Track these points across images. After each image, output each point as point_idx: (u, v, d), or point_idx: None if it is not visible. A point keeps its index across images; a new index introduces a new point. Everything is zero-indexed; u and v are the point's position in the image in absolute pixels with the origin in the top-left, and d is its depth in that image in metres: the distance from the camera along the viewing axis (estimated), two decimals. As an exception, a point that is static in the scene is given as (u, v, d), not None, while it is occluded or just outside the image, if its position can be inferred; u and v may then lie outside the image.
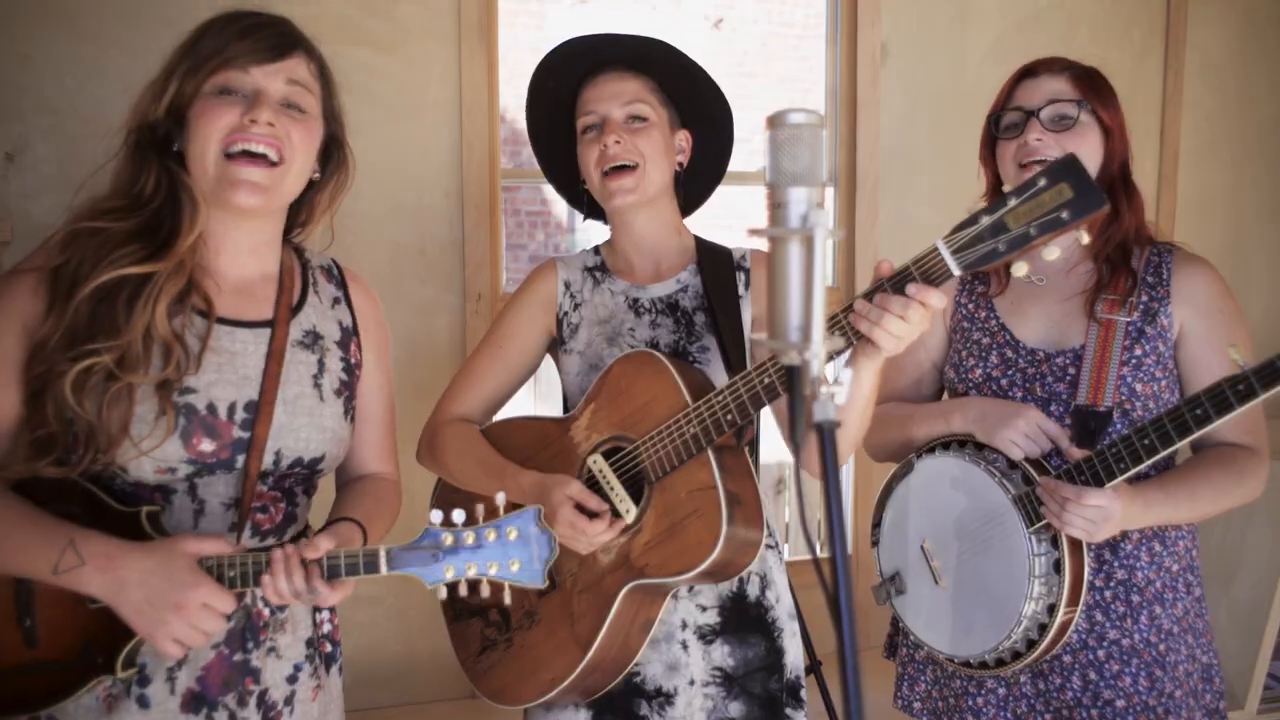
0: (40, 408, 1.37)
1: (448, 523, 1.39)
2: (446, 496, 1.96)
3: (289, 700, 1.53)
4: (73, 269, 1.39)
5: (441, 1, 2.87)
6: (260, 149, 1.42)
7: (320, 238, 1.67)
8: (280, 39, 1.47)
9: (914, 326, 1.37)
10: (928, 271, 1.34)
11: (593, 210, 1.94)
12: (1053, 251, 1.30)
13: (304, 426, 1.52)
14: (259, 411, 1.47)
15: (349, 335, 1.64)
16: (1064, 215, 1.24)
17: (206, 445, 1.43)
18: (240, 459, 1.46)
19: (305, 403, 1.52)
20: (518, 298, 1.94)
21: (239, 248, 1.52)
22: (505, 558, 1.37)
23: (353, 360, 1.63)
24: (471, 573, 1.37)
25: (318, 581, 1.38)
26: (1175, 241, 1.84)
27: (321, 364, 1.57)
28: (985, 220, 1.29)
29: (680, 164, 1.87)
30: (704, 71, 1.86)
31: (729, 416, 1.57)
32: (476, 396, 1.91)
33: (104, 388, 1.36)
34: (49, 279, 1.40)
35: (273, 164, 1.44)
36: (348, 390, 1.61)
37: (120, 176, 1.47)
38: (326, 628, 1.63)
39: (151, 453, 1.39)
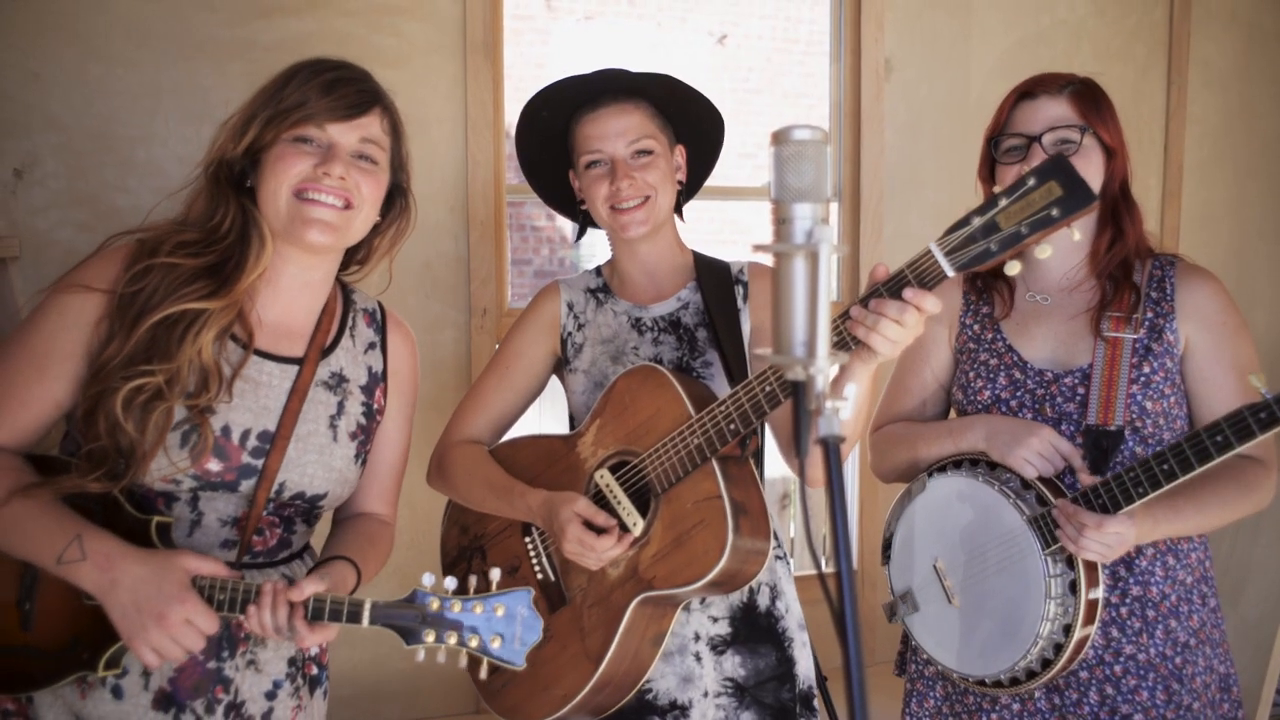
0: (93, 424, 1.43)
1: (438, 587, 1.41)
2: (457, 517, 1.97)
3: (266, 716, 1.56)
4: (143, 300, 1.46)
5: (447, 18, 2.88)
6: (329, 199, 1.50)
7: (379, 281, 1.73)
8: (359, 97, 1.54)
9: (909, 330, 1.38)
10: (922, 274, 1.35)
11: (588, 223, 1.95)
12: (1045, 250, 1.31)
13: (312, 464, 1.56)
14: (274, 444, 1.53)
15: (376, 381, 1.69)
16: (1054, 213, 1.25)
17: (213, 465, 1.48)
18: (245, 484, 1.51)
19: (317, 440, 1.57)
20: (522, 321, 1.95)
21: (293, 281, 1.59)
22: (488, 632, 1.39)
23: (375, 406, 1.68)
24: (451, 641, 1.39)
25: (299, 621, 1.41)
26: (1177, 253, 1.84)
27: (341, 406, 1.62)
28: (977, 221, 1.30)
29: (680, 181, 1.89)
30: (699, 94, 1.88)
31: (731, 426, 1.58)
32: (484, 418, 1.93)
33: (149, 406, 1.42)
34: (116, 305, 1.47)
35: (344, 208, 1.52)
36: (363, 434, 1.65)
37: (198, 207, 1.54)
38: (313, 650, 1.64)
39: (177, 465, 1.45)
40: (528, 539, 1.84)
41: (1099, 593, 1.66)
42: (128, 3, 2.62)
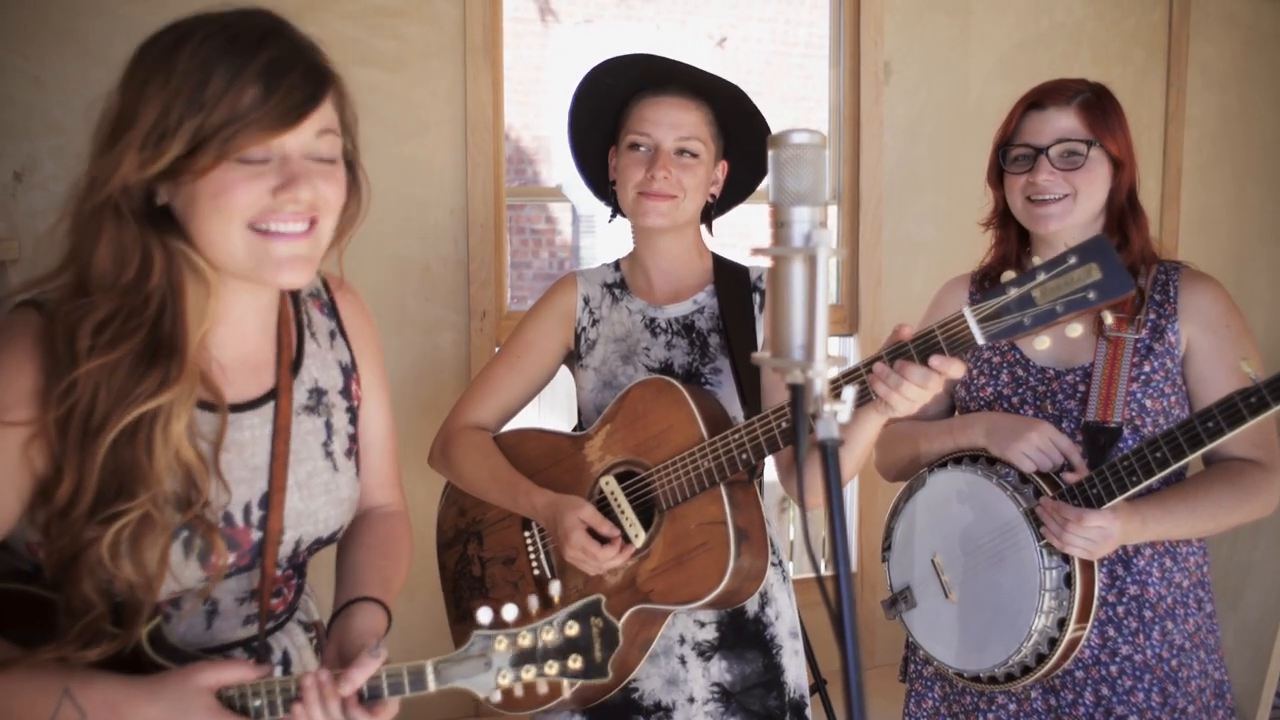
0: (75, 582, 1.14)
1: (498, 622, 1.23)
2: (456, 498, 1.97)
3: None
4: (82, 418, 1.13)
5: (447, 21, 2.89)
6: (295, 226, 1.18)
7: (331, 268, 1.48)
8: (308, 88, 1.16)
9: (929, 393, 1.38)
10: (952, 338, 1.35)
11: (619, 210, 1.94)
12: (1076, 329, 1.30)
13: (322, 507, 1.35)
14: (270, 505, 1.28)
15: (349, 374, 1.43)
16: (1091, 295, 1.24)
17: (226, 559, 1.25)
18: (259, 561, 1.29)
19: (320, 479, 1.35)
20: (537, 310, 1.95)
21: (245, 311, 1.28)
22: (566, 654, 1.22)
23: (355, 403, 1.44)
24: (529, 676, 1.22)
25: (356, 710, 1.20)
26: (1181, 260, 1.84)
27: (329, 426, 1.38)
28: (1013, 292, 1.29)
29: (713, 195, 1.88)
30: (761, 117, 1.87)
31: (744, 456, 1.59)
32: (492, 405, 1.93)
33: (139, 538, 1.15)
34: (51, 434, 1.14)
35: (309, 229, 1.21)
36: (356, 444, 1.43)
37: (102, 257, 1.14)
38: None
39: (185, 584, 1.23)
40: (527, 533, 1.85)
41: (1095, 587, 1.67)
42: (129, 7, 2.63)
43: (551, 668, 1.22)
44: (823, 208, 0.91)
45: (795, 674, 1.84)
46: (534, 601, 1.25)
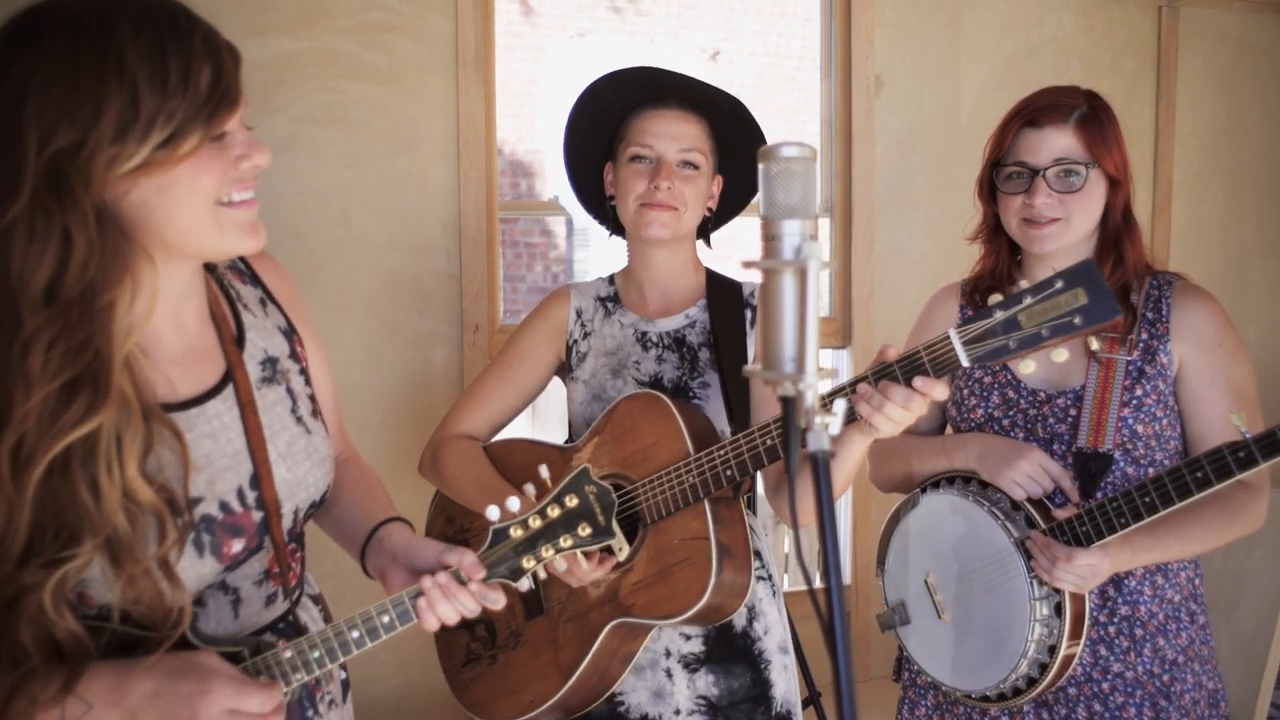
0: (10, 630, 1.07)
1: (506, 515, 1.32)
2: (444, 506, 1.97)
3: None
4: (8, 450, 1.06)
5: (439, 35, 2.89)
6: (251, 194, 1.20)
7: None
8: (235, 55, 1.16)
9: (913, 414, 1.38)
10: (938, 360, 1.35)
11: (618, 228, 1.95)
12: (1061, 354, 1.29)
13: (308, 472, 1.35)
14: (260, 481, 1.28)
15: (290, 337, 1.41)
16: (1077, 320, 1.24)
17: (236, 546, 1.25)
18: (265, 539, 1.29)
19: (299, 444, 1.35)
20: (530, 322, 1.96)
21: (180, 300, 1.25)
22: (574, 525, 1.30)
23: (304, 363, 1.42)
24: (549, 555, 1.30)
25: (491, 590, 1.29)
26: (1176, 272, 1.82)
27: (291, 392, 1.37)
28: (999, 315, 1.29)
29: (710, 209, 1.89)
30: (760, 131, 1.88)
31: (729, 472, 1.59)
32: (482, 415, 1.93)
33: (115, 578, 1.11)
34: None
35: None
36: (316, 404, 1.43)
37: (40, 274, 1.06)
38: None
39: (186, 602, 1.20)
40: None
41: (1085, 612, 1.67)
42: None
43: (566, 541, 1.30)
44: (813, 221, 0.91)
45: (784, 689, 1.83)
46: (530, 489, 1.35)
